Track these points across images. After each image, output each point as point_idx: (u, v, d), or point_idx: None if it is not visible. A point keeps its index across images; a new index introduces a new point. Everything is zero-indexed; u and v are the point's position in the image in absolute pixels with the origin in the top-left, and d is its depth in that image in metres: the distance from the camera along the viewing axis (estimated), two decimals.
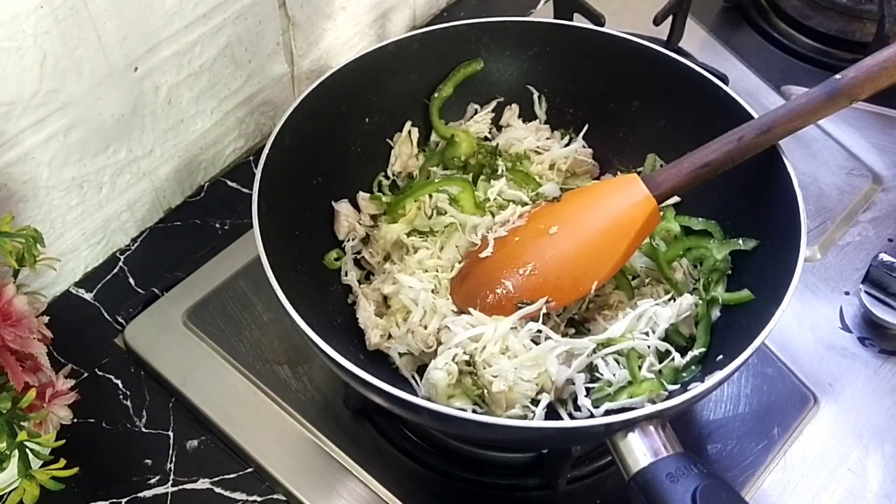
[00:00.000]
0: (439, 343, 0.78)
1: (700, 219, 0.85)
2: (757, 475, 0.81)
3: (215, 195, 1.00)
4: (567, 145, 0.93)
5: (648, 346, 0.76)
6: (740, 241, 0.81)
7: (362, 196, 0.88)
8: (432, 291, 0.82)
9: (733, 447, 0.83)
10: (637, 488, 0.62)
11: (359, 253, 0.87)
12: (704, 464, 0.63)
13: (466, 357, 0.74)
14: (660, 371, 0.75)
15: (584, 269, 0.78)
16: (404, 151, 0.91)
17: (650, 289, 0.83)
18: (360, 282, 0.86)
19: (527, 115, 0.94)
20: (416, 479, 0.81)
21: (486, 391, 0.74)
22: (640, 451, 0.63)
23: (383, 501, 0.79)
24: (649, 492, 0.61)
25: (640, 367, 0.74)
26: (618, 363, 0.75)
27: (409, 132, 0.91)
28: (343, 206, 0.86)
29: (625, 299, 0.82)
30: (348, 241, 0.86)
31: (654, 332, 0.77)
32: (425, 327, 0.80)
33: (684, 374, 0.76)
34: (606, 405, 0.72)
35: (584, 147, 0.93)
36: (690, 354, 0.76)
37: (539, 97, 0.93)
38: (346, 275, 0.85)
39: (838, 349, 0.90)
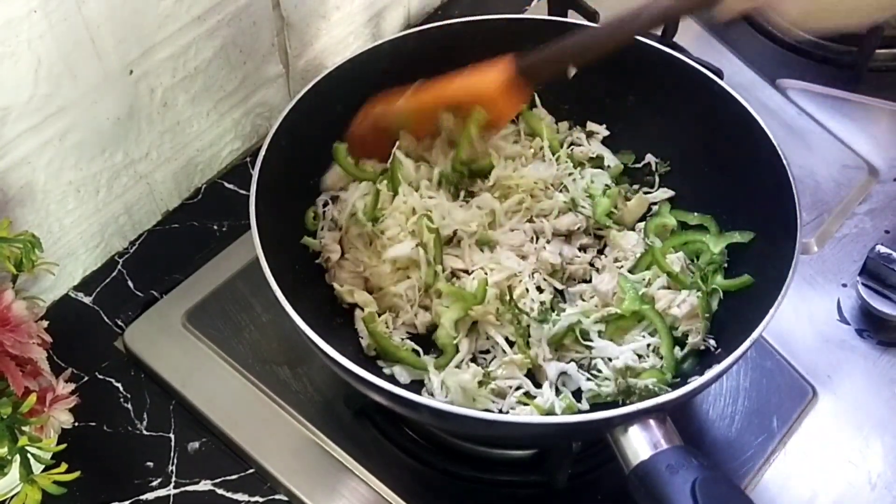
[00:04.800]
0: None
1: (696, 214, 0.85)
2: (756, 468, 0.81)
3: (213, 197, 1.00)
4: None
5: (647, 344, 0.76)
6: (737, 235, 0.81)
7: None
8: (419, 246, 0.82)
9: (733, 440, 0.83)
10: (637, 481, 0.63)
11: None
12: (704, 456, 0.63)
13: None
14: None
15: None
16: None
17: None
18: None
19: None
20: (417, 477, 0.81)
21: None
22: (639, 444, 0.63)
23: (385, 500, 0.79)
24: (649, 484, 0.62)
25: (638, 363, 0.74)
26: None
27: None
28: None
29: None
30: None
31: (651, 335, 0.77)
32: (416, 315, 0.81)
33: (683, 368, 0.76)
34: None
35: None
36: (688, 348, 0.77)
37: (534, 94, 0.93)
38: (341, 286, 0.84)
39: (836, 341, 0.90)
